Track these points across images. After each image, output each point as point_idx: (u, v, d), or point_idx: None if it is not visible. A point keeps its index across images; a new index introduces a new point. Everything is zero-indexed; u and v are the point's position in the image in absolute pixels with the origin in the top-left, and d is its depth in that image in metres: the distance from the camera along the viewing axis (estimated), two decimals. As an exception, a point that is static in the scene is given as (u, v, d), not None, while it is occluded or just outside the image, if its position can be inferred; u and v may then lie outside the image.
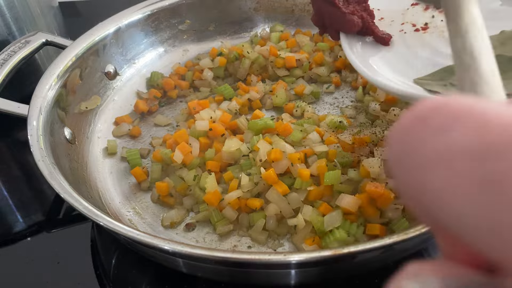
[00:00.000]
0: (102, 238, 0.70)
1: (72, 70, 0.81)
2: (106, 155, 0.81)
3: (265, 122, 0.75)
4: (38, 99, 0.73)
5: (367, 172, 0.65)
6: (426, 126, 0.17)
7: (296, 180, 0.65)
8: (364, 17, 0.67)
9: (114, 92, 0.91)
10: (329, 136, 0.72)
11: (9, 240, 0.72)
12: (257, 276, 0.60)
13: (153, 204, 0.73)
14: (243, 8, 1.05)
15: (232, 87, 0.92)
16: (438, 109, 0.17)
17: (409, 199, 0.18)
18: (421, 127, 0.17)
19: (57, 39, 0.85)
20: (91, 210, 0.56)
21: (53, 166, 0.63)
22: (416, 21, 0.70)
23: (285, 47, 0.96)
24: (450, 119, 0.16)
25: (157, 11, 0.96)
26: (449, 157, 0.16)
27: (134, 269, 0.66)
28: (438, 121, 0.17)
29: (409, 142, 0.17)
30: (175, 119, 0.88)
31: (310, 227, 0.63)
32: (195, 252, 0.50)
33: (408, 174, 0.18)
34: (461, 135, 0.16)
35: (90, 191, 0.71)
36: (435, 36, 0.66)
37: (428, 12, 0.70)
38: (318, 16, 0.70)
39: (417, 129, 0.17)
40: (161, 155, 0.75)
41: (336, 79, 0.92)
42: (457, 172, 0.15)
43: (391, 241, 0.48)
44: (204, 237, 0.67)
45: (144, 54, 0.97)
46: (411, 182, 0.17)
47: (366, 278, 0.62)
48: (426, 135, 0.17)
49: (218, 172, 0.72)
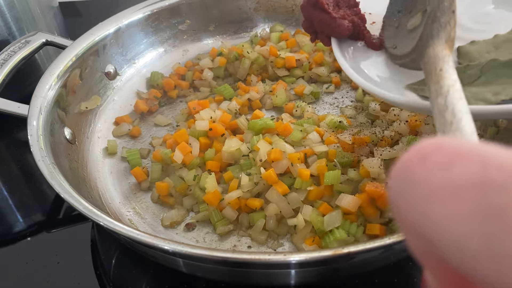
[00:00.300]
0: (102, 238, 0.70)
1: (72, 70, 0.81)
2: (106, 155, 0.81)
3: (265, 122, 0.75)
4: (38, 99, 0.73)
5: (367, 172, 0.65)
6: (429, 162, 0.18)
7: (296, 180, 0.65)
8: (355, 21, 0.66)
9: (114, 92, 0.91)
10: (329, 136, 0.72)
11: (9, 240, 0.72)
12: (257, 276, 0.60)
13: (153, 204, 0.73)
14: (243, 8, 1.05)
15: (232, 87, 0.92)
16: (439, 148, 0.18)
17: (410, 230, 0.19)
18: (424, 164, 0.18)
19: (57, 39, 0.85)
20: (91, 210, 0.56)
21: (53, 166, 0.63)
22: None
23: (285, 47, 0.97)
24: (452, 157, 0.18)
25: (157, 11, 0.96)
26: (453, 189, 0.17)
27: (134, 269, 0.66)
28: (441, 158, 0.18)
29: (412, 177, 0.19)
30: (175, 119, 0.88)
31: (310, 227, 0.63)
32: (195, 252, 0.50)
33: (410, 206, 0.19)
34: (464, 170, 0.17)
35: (90, 191, 0.71)
36: None
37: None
38: (308, 23, 0.69)
39: (420, 165, 0.19)
40: (161, 155, 0.75)
41: (336, 79, 0.92)
42: (461, 203, 0.17)
43: (391, 241, 0.48)
44: (204, 237, 0.67)
45: (144, 54, 0.97)
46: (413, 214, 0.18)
47: (366, 278, 0.62)
48: (429, 171, 0.18)
49: (218, 172, 0.72)
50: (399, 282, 0.62)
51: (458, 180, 0.17)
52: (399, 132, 0.74)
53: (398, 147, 0.69)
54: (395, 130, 0.74)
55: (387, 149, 0.69)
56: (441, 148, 0.18)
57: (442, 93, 0.35)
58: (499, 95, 0.48)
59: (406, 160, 0.19)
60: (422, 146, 0.19)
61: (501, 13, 0.62)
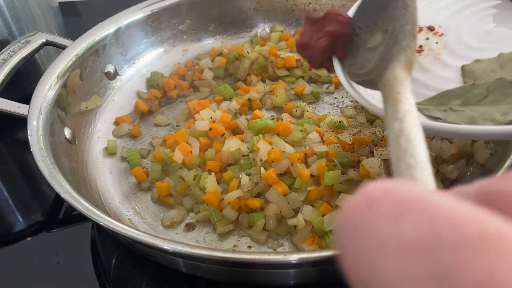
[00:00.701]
0: (102, 238, 0.70)
1: (72, 70, 0.81)
2: (106, 155, 0.81)
3: (265, 122, 0.75)
4: (38, 99, 0.73)
5: (367, 172, 0.65)
6: (377, 210, 0.17)
7: (296, 180, 0.65)
8: (334, 34, 0.59)
9: (114, 92, 0.91)
10: (329, 136, 0.72)
11: (9, 240, 0.72)
12: (257, 276, 0.60)
13: (153, 204, 0.73)
14: (243, 8, 1.05)
15: (232, 87, 0.92)
16: (386, 194, 0.17)
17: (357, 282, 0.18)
18: (371, 211, 0.17)
19: (57, 39, 0.85)
20: (91, 210, 0.56)
21: (53, 166, 0.63)
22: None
23: (285, 47, 0.96)
24: (399, 208, 0.17)
25: (157, 11, 0.96)
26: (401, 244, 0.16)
27: (134, 269, 0.66)
28: (388, 207, 0.17)
29: (359, 224, 0.17)
30: (175, 119, 0.88)
31: (310, 227, 0.63)
32: (195, 252, 0.50)
33: (358, 257, 0.17)
34: (411, 226, 0.16)
35: (90, 191, 0.71)
36: (431, 59, 0.61)
37: (422, 34, 0.65)
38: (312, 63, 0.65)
39: (367, 215, 0.17)
40: (161, 155, 0.75)
41: (336, 79, 0.92)
42: (411, 260, 0.16)
43: (391, 241, 0.48)
44: (204, 237, 0.67)
45: (144, 54, 0.97)
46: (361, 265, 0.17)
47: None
48: (376, 222, 0.17)
49: (218, 172, 0.72)
50: (399, 282, 0.62)
51: (406, 234, 0.16)
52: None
53: (398, 147, 0.69)
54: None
55: (387, 149, 0.69)
56: (388, 195, 0.17)
57: (398, 117, 0.34)
58: (507, 115, 0.47)
59: (354, 204, 0.18)
60: (370, 189, 0.18)
61: (503, 32, 0.61)
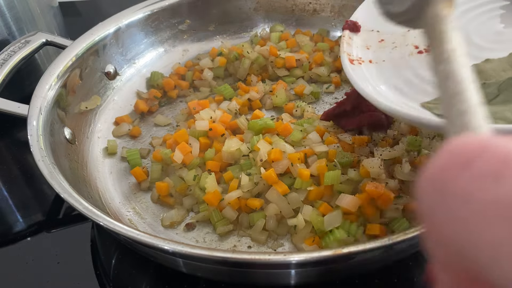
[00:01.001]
0: (102, 238, 0.70)
1: (72, 70, 0.81)
2: (106, 155, 0.81)
3: (265, 122, 0.75)
4: (38, 99, 0.73)
5: (367, 172, 0.65)
6: (473, 170, 0.15)
7: (296, 180, 0.65)
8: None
9: (114, 92, 0.91)
10: (329, 136, 0.72)
11: (9, 240, 0.72)
12: (257, 276, 0.60)
13: (153, 204, 0.73)
14: (243, 8, 1.05)
15: (232, 87, 0.92)
16: (482, 152, 0.15)
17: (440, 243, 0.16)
18: (466, 172, 0.15)
19: (57, 39, 0.85)
20: (91, 210, 0.56)
21: (53, 166, 0.63)
22: (419, 43, 0.68)
23: (285, 47, 0.96)
24: (500, 166, 0.14)
25: (157, 11, 0.96)
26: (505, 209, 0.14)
27: (134, 269, 0.66)
28: (486, 168, 0.15)
29: (451, 190, 0.15)
30: (175, 119, 0.88)
31: (310, 227, 0.63)
32: (195, 252, 0.50)
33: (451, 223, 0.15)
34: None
35: (90, 191, 0.71)
36: None
37: None
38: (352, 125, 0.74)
39: (462, 175, 0.15)
40: (161, 155, 0.75)
41: (336, 79, 0.92)
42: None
43: (391, 241, 0.48)
44: (204, 237, 0.67)
45: (144, 54, 0.97)
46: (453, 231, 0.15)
47: (366, 278, 0.62)
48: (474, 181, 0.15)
49: (218, 172, 0.72)
50: (399, 282, 0.62)
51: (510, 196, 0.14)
52: (400, 132, 0.74)
53: (398, 147, 0.69)
54: (395, 130, 0.74)
55: (387, 149, 0.69)
56: (485, 152, 0.15)
57: (442, 59, 0.31)
58: None
59: (441, 165, 0.16)
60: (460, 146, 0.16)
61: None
